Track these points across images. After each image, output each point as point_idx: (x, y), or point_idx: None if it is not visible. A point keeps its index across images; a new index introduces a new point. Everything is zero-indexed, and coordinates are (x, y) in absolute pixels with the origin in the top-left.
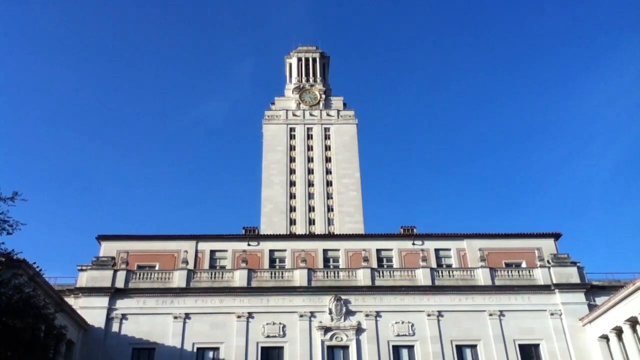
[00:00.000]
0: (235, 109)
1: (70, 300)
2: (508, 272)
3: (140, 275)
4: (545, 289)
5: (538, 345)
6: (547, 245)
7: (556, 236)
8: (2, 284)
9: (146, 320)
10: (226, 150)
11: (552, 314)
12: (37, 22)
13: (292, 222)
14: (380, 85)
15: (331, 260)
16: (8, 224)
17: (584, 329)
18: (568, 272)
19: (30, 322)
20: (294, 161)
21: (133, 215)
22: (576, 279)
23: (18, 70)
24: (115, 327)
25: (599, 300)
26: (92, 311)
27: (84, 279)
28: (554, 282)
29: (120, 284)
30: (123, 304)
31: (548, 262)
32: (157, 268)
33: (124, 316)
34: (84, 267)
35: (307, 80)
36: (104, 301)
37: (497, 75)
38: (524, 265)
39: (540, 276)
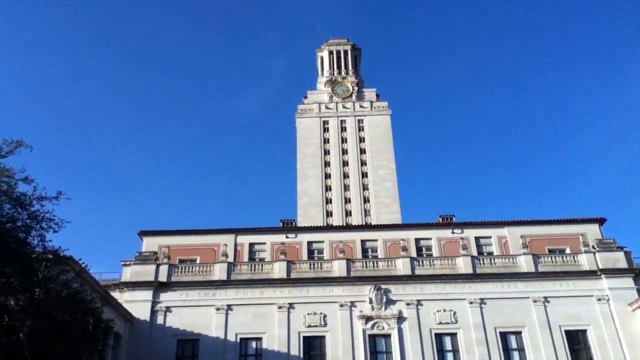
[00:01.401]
0: (270, 103)
1: (116, 295)
2: (552, 258)
3: (181, 269)
4: (591, 274)
5: (585, 330)
6: (592, 231)
7: (601, 221)
8: (51, 279)
9: (189, 312)
10: (262, 145)
11: (599, 300)
12: (71, 15)
13: (329, 214)
14: (413, 75)
15: (369, 250)
16: (54, 222)
17: (634, 314)
18: (615, 257)
19: (79, 316)
20: (328, 154)
21: (173, 210)
22: (623, 264)
23: (53, 66)
24: (160, 320)
25: None
26: (137, 304)
27: (128, 273)
28: (600, 267)
29: (163, 277)
30: (166, 297)
31: (593, 247)
32: (197, 262)
33: (167, 309)
34: (127, 262)
35: (339, 73)
36: (148, 295)
37: (533, 61)
38: (568, 251)
39: (585, 262)
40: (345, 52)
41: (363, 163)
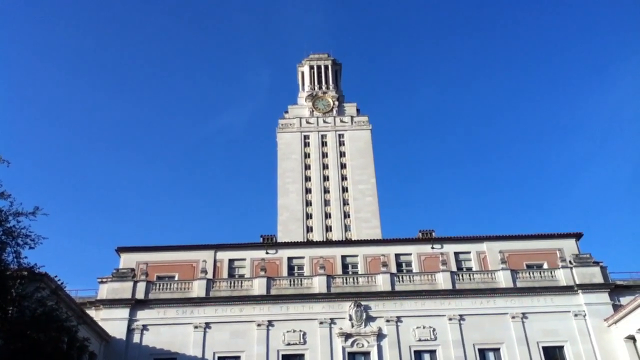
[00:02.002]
0: (252, 119)
1: (92, 312)
2: (530, 273)
3: (160, 286)
4: (568, 289)
5: (562, 347)
6: (569, 246)
7: (578, 236)
8: (26, 297)
9: (167, 331)
10: (243, 160)
11: (575, 315)
12: (52, 32)
13: (309, 229)
14: (393, 91)
15: (350, 266)
16: (30, 238)
17: (609, 330)
18: (591, 272)
19: (53, 335)
20: (309, 168)
21: (151, 226)
22: (599, 279)
23: (35, 82)
24: (136, 338)
25: (623, 300)
26: (113, 323)
27: (105, 291)
28: (577, 282)
29: (140, 295)
30: (144, 315)
31: (570, 262)
32: (176, 278)
33: (144, 327)
34: (104, 279)
35: (320, 88)
36: (124, 312)
37: (511, 75)
38: (545, 266)
39: (562, 277)
40: (326, 67)
41: (344, 178)
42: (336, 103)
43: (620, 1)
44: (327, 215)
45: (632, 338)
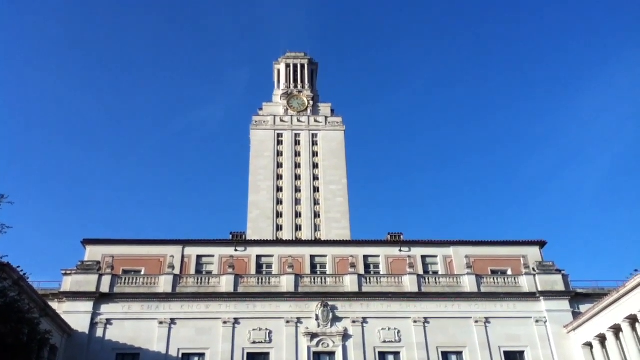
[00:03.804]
0: (228, 115)
1: (55, 305)
2: (494, 279)
3: (125, 280)
4: (531, 296)
5: (523, 352)
6: (533, 253)
7: (541, 244)
8: None
9: (131, 326)
10: (215, 156)
11: (537, 321)
12: (32, 23)
13: (279, 227)
14: (368, 92)
15: (318, 266)
16: None
17: (568, 336)
18: (553, 279)
19: (14, 326)
20: (281, 167)
21: (119, 219)
22: (561, 287)
23: (8, 72)
24: (99, 332)
25: (583, 307)
26: (76, 316)
27: (69, 283)
28: (539, 289)
29: (105, 288)
30: (108, 309)
31: (533, 269)
32: (142, 273)
33: (108, 321)
34: (68, 272)
35: (295, 87)
36: (88, 306)
37: (485, 82)
38: (509, 272)
39: (525, 283)
40: (302, 65)
41: (315, 177)
42: (311, 102)
43: (595, 7)
44: (298, 214)
45: (589, 345)
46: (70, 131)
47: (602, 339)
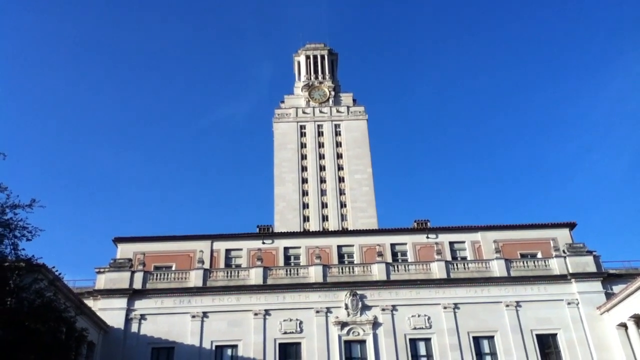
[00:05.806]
0: (252, 110)
1: (90, 303)
2: (523, 262)
3: (157, 275)
4: (562, 278)
5: (555, 334)
6: (562, 235)
7: (571, 226)
8: (24, 289)
9: (164, 320)
10: (240, 151)
11: (569, 304)
12: (50, 26)
13: (306, 219)
14: (390, 81)
15: (346, 256)
16: (27, 230)
17: (602, 318)
18: (584, 261)
19: (52, 325)
20: (305, 158)
21: (149, 217)
22: (592, 268)
23: (35, 74)
24: (134, 328)
25: (616, 288)
26: (111, 312)
27: (102, 281)
28: (570, 271)
29: (137, 285)
30: (141, 305)
31: (564, 251)
32: (173, 268)
33: (142, 316)
34: (101, 270)
35: (316, 78)
36: (122, 302)
37: (510, 70)
38: (539, 255)
39: (556, 266)
40: (322, 56)
41: (340, 168)
42: (332, 93)
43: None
44: (324, 205)
45: (624, 325)
46: (99, 133)
47: (637, 319)
